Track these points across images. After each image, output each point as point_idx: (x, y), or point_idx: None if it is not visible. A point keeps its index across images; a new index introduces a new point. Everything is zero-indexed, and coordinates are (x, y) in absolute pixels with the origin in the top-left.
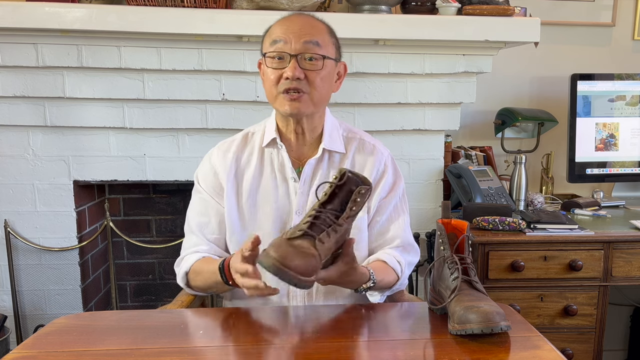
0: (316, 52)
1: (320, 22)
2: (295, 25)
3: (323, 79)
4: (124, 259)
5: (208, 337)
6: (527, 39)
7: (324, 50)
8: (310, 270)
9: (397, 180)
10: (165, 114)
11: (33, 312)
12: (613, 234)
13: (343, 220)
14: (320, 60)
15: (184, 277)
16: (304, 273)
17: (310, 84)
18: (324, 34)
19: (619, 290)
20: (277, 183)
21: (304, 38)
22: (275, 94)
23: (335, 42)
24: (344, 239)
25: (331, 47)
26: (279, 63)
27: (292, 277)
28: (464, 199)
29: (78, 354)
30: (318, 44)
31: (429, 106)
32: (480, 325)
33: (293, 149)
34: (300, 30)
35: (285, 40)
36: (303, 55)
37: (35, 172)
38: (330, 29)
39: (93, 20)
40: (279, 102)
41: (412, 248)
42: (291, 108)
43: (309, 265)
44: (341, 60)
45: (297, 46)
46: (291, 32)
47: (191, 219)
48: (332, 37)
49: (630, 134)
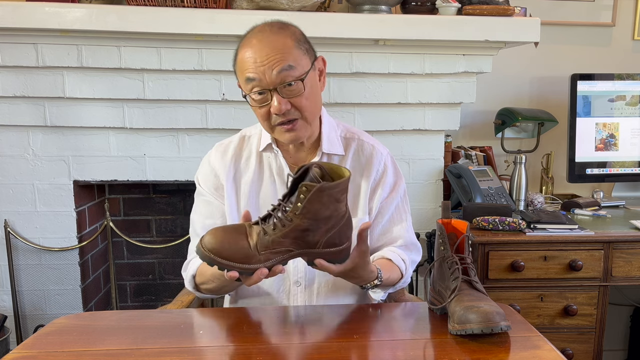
0: (293, 76)
1: (284, 36)
2: (262, 55)
3: (309, 98)
4: (124, 259)
5: (208, 337)
6: (527, 39)
7: (299, 69)
8: (236, 257)
9: (398, 180)
10: (165, 114)
11: (33, 312)
12: (613, 234)
13: (292, 215)
14: (300, 82)
15: (192, 281)
16: (238, 261)
17: (299, 109)
18: (292, 50)
19: (619, 290)
20: (277, 187)
21: (275, 68)
22: (269, 126)
23: (306, 48)
24: (316, 239)
25: (304, 58)
26: (262, 98)
27: (224, 265)
28: (464, 199)
29: (78, 354)
30: (291, 66)
31: (429, 106)
32: (480, 325)
33: (291, 155)
34: (269, 58)
35: (259, 77)
36: (282, 85)
37: (35, 172)
38: (297, 37)
39: (93, 20)
40: (277, 133)
41: (415, 247)
42: (290, 138)
43: (236, 253)
44: (317, 57)
45: (272, 79)
46: (260, 64)
47: (196, 222)
48: (301, 45)
49: (630, 134)
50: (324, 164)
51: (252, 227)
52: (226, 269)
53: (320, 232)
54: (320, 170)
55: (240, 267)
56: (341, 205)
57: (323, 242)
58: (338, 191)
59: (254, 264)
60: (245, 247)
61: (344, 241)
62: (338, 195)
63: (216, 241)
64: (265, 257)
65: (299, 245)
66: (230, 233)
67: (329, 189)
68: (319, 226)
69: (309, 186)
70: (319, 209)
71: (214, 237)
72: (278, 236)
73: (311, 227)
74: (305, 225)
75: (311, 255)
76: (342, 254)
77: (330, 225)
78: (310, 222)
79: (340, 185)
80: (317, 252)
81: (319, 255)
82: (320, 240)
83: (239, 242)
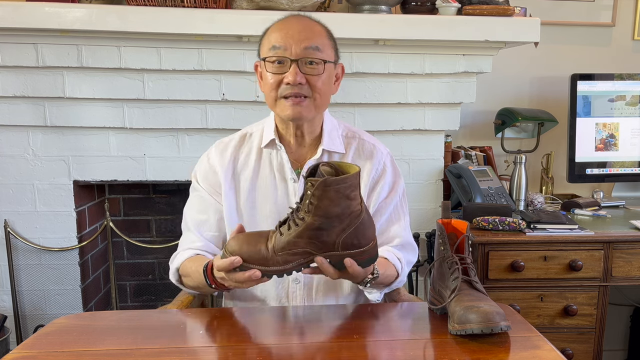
0: (317, 56)
1: (319, 25)
2: (294, 30)
3: (324, 83)
4: (124, 259)
5: (208, 337)
6: (527, 39)
7: (324, 54)
8: (254, 259)
9: (397, 180)
10: (165, 114)
11: (33, 312)
12: (613, 234)
13: (303, 213)
14: (321, 64)
15: (175, 273)
16: (256, 263)
17: (312, 88)
18: (323, 38)
19: (619, 290)
20: (276, 183)
21: (304, 43)
22: (275, 97)
23: (333, 45)
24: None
25: (330, 50)
26: (279, 68)
27: (244, 268)
28: (464, 199)
29: (78, 354)
30: (318, 48)
31: (429, 106)
32: (480, 325)
33: (292, 150)
34: (300, 34)
35: (285, 46)
36: (303, 60)
37: (35, 172)
38: (329, 32)
39: (93, 20)
40: (280, 107)
41: (411, 247)
42: (293, 113)
43: (254, 255)
44: (339, 62)
45: (297, 51)
46: (290, 37)
47: (188, 216)
48: (330, 40)
49: (630, 134)
50: (334, 162)
51: (275, 232)
52: (246, 270)
53: (335, 232)
54: (330, 167)
55: (258, 270)
56: (353, 203)
57: (340, 243)
58: (346, 187)
59: (271, 266)
60: (263, 250)
61: (364, 242)
62: (347, 191)
63: (237, 244)
64: (283, 258)
65: (315, 246)
66: (253, 237)
67: (334, 183)
68: (333, 225)
69: (313, 181)
70: (328, 205)
71: (236, 241)
72: (292, 236)
73: (324, 225)
74: (318, 224)
75: (332, 257)
76: (363, 255)
77: (345, 225)
78: (321, 219)
79: (348, 180)
80: (337, 254)
81: (340, 257)
82: (336, 241)
83: (257, 244)
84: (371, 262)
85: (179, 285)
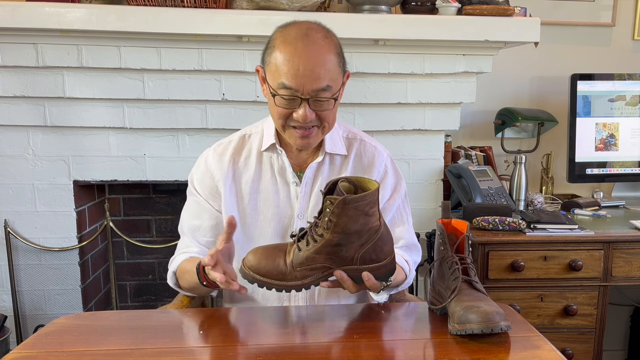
0: (327, 96)
1: (329, 50)
2: (305, 67)
3: (332, 112)
4: (124, 259)
5: (208, 337)
6: (527, 39)
7: (334, 89)
8: (273, 274)
9: (399, 182)
10: (165, 114)
11: (33, 312)
12: (613, 234)
13: (322, 230)
14: (332, 101)
15: (172, 277)
16: (274, 278)
17: (321, 119)
18: (334, 68)
19: (619, 290)
20: (278, 187)
21: (315, 84)
22: (283, 125)
23: (343, 63)
24: (349, 254)
25: (340, 76)
26: (289, 103)
27: (262, 282)
28: (464, 199)
29: (78, 354)
30: (329, 87)
31: (429, 106)
32: (480, 325)
33: (293, 154)
34: (312, 73)
35: (296, 87)
36: (314, 99)
37: (35, 172)
38: (338, 50)
39: (93, 20)
40: (289, 134)
41: (415, 248)
42: (302, 144)
43: (272, 270)
44: (346, 71)
45: (308, 91)
46: (301, 76)
47: (184, 220)
48: (340, 60)
49: (630, 134)
50: (352, 177)
51: (292, 246)
52: (265, 286)
53: (353, 247)
54: (349, 183)
55: (277, 285)
56: (372, 219)
57: (358, 258)
58: (365, 204)
59: (290, 281)
60: (281, 265)
61: (382, 257)
62: (366, 208)
63: (255, 259)
64: (301, 274)
65: (334, 261)
66: (270, 251)
67: (354, 201)
68: (351, 241)
69: (332, 199)
70: (347, 222)
71: (254, 256)
72: (311, 252)
73: (342, 241)
74: (336, 240)
75: (350, 272)
76: (381, 269)
77: (364, 240)
78: (340, 236)
79: (367, 197)
80: (355, 268)
81: (358, 271)
82: (355, 256)
83: (276, 259)
84: (389, 276)
85: (176, 288)
